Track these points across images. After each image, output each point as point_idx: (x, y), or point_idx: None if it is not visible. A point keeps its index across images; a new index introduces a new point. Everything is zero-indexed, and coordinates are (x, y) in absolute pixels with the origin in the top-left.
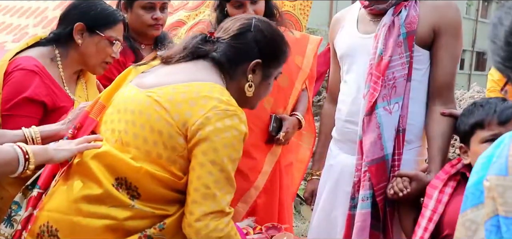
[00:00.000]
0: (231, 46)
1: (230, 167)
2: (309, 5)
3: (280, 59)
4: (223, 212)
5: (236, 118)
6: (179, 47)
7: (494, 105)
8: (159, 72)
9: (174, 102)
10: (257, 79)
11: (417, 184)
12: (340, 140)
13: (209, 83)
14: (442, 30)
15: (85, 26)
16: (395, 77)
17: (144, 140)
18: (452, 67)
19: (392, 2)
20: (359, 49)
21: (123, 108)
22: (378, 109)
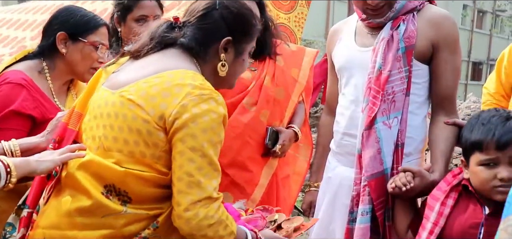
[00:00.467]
0: (199, 28)
1: (211, 151)
2: (304, 17)
3: (250, 33)
4: (211, 198)
5: (213, 101)
6: (146, 39)
7: (495, 127)
8: (129, 69)
9: (148, 96)
10: (230, 57)
11: (420, 181)
12: (338, 153)
13: (180, 70)
14: (441, 45)
15: (67, 35)
16: (394, 92)
17: (125, 141)
18: (453, 80)
19: (390, 16)
20: (357, 62)
21: (99, 113)
22: (377, 123)
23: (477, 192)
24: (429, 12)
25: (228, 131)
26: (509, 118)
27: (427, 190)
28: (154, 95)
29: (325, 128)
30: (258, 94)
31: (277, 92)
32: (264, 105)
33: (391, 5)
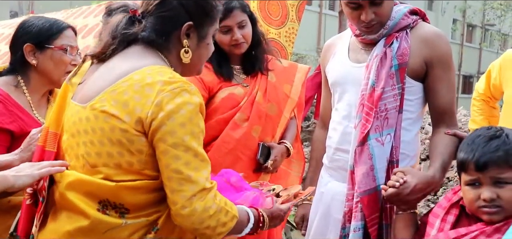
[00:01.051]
0: (158, 17)
1: (194, 143)
2: (294, 32)
3: (212, 15)
4: (205, 189)
5: (186, 93)
6: (108, 38)
7: (476, 147)
8: (95, 77)
9: (120, 104)
10: (194, 43)
11: (412, 177)
12: (331, 168)
13: (145, 68)
14: (435, 63)
15: (33, 46)
16: (387, 109)
17: (109, 155)
18: (450, 95)
19: (383, 33)
20: (350, 78)
21: (76, 130)
22: (370, 140)
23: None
24: (422, 30)
25: (220, 147)
26: (493, 138)
27: (425, 190)
28: (126, 101)
29: (318, 143)
30: (250, 109)
31: (269, 108)
32: (256, 120)
33: (383, 23)
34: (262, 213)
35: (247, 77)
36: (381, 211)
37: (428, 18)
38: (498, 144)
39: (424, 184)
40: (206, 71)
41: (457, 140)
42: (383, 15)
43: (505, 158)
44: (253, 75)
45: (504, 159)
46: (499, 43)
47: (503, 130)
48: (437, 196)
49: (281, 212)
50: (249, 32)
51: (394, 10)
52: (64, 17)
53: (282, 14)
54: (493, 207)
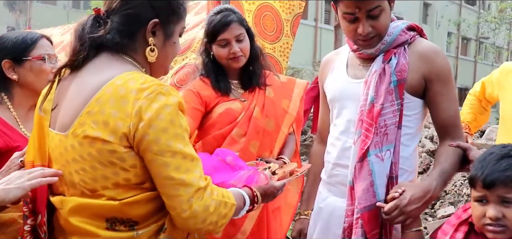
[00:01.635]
0: (122, 15)
1: (180, 145)
2: (289, 47)
3: (178, 12)
4: (200, 188)
5: (161, 96)
6: (76, 43)
7: (486, 165)
8: (68, 99)
9: (100, 124)
10: (160, 41)
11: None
12: (329, 183)
13: (115, 78)
14: (434, 78)
15: (11, 61)
16: (387, 125)
17: (104, 177)
18: (453, 108)
19: (381, 48)
20: (349, 94)
21: (65, 161)
22: (370, 156)
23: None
24: (420, 46)
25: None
26: (505, 157)
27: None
28: (105, 120)
29: (317, 157)
30: (247, 125)
31: (267, 123)
32: (254, 136)
33: (381, 36)
34: (256, 192)
35: (244, 92)
36: (382, 227)
37: (425, 34)
38: (508, 163)
39: (421, 192)
40: (204, 86)
41: (461, 151)
42: (380, 28)
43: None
44: (251, 90)
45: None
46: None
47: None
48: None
49: (275, 189)
50: (247, 46)
51: (392, 26)
52: (61, 32)
53: (277, 29)
54: (498, 226)
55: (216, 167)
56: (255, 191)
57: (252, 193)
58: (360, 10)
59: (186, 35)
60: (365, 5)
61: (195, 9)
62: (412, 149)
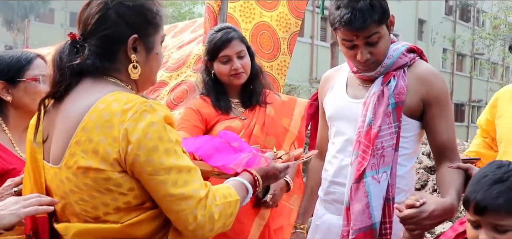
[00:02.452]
0: (99, 37)
1: (173, 160)
2: (286, 65)
3: (155, 22)
4: (201, 198)
5: (146, 114)
6: (55, 73)
7: (479, 189)
8: (56, 130)
9: (90, 153)
10: (142, 56)
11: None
12: (326, 201)
13: (98, 103)
14: (432, 101)
15: (5, 82)
16: (384, 147)
17: (104, 204)
18: (449, 132)
19: (381, 71)
20: (347, 114)
21: (63, 192)
22: (366, 177)
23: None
24: (420, 68)
25: (218, 182)
26: (498, 181)
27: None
28: (94, 148)
29: (314, 172)
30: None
31: (267, 141)
32: None
33: (380, 61)
34: (256, 175)
35: (245, 110)
36: None
37: (425, 55)
38: (501, 190)
39: (442, 211)
40: (204, 104)
41: (463, 172)
42: (379, 54)
43: (506, 206)
44: (251, 108)
45: (505, 207)
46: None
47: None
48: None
49: (277, 170)
50: (248, 63)
51: (392, 48)
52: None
53: (274, 47)
54: None
55: (218, 149)
56: (255, 174)
57: (253, 177)
58: (358, 37)
59: (181, 50)
60: (363, 33)
61: (192, 27)
62: (408, 169)
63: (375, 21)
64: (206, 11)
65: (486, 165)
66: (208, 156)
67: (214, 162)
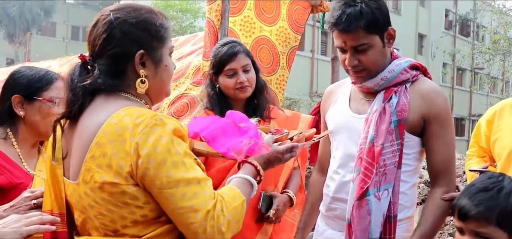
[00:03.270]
0: (108, 57)
1: (181, 172)
2: (285, 80)
3: (160, 35)
4: (209, 210)
5: (156, 128)
6: (69, 94)
7: (464, 196)
8: (73, 147)
9: (104, 168)
10: (151, 70)
11: None
12: (327, 216)
13: (110, 118)
14: (432, 119)
15: (22, 97)
16: (386, 165)
17: (122, 218)
18: (447, 153)
19: (381, 84)
20: (350, 128)
21: (82, 207)
22: (369, 196)
23: None
24: (423, 85)
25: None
26: (484, 190)
27: None
28: (108, 163)
29: (315, 187)
30: None
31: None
32: None
33: (371, 71)
34: (258, 165)
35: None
36: None
37: (429, 73)
38: (483, 198)
39: None
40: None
41: (447, 205)
42: (367, 63)
43: (486, 213)
44: None
45: (485, 215)
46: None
47: (502, 182)
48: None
49: (279, 153)
50: (254, 77)
51: (395, 64)
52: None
53: (273, 61)
54: None
55: (224, 130)
56: (256, 165)
57: (255, 168)
58: (346, 42)
59: (180, 62)
60: (349, 38)
61: (193, 41)
62: (410, 185)
63: (361, 27)
64: (207, 25)
65: (479, 176)
66: (213, 138)
67: (217, 147)
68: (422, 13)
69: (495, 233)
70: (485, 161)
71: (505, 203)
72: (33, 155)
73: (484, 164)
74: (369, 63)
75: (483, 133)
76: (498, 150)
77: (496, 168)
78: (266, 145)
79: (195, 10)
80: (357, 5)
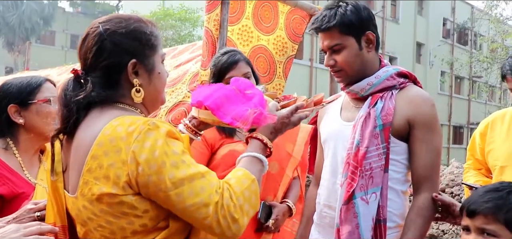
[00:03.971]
0: (100, 69)
1: (183, 171)
2: (281, 89)
3: (151, 43)
4: (217, 201)
5: (151, 133)
6: (63, 109)
7: (474, 195)
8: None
9: (101, 179)
10: (145, 78)
11: None
12: (319, 224)
13: (104, 129)
14: (417, 124)
15: (17, 105)
16: (372, 168)
17: (121, 229)
18: (430, 160)
19: (367, 89)
20: (339, 136)
21: (82, 220)
22: (356, 199)
23: None
24: (410, 91)
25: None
26: (493, 190)
27: None
28: (105, 174)
29: (311, 200)
30: None
31: (271, 165)
32: None
33: (347, 71)
34: (264, 138)
35: (249, 133)
36: None
37: (419, 82)
38: (492, 197)
39: None
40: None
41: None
42: (343, 64)
43: (493, 210)
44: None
45: (492, 212)
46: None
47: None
48: None
49: (284, 118)
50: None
51: (382, 70)
52: (58, 73)
53: (270, 70)
54: None
55: (228, 98)
56: (262, 139)
57: (261, 142)
58: (323, 42)
59: (178, 69)
60: (326, 41)
61: (191, 49)
62: (398, 193)
63: (335, 27)
64: (205, 34)
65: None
66: (218, 106)
67: (222, 116)
68: (420, 22)
69: (502, 231)
70: (481, 173)
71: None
72: (34, 164)
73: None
74: (344, 64)
75: (477, 145)
76: (492, 161)
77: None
78: (271, 115)
79: (193, 19)
80: (335, 7)
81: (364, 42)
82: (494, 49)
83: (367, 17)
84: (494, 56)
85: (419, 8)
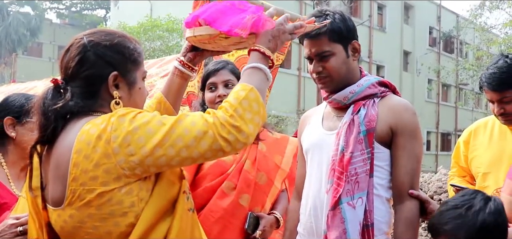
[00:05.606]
0: (81, 79)
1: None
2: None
3: (133, 58)
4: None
5: (122, 118)
6: (41, 118)
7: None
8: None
9: (90, 182)
10: (125, 91)
11: None
12: (304, 235)
13: (78, 136)
14: (399, 131)
15: (14, 119)
16: (357, 173)
17: (108, 233)
18: (411, 167)
19: (349, 97)
20: (322, 145)
21: (67, 233)
22: (342, 204)
23: None
24: (391, 100)
25: (207, 216)
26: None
27: None
28: (92, 176)
29: (293, 213)
30: (237, 177)
31: (259, 177)
32: (244, 189)
33: (333, 78)
34: (262, 48)
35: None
36: None
37: (398, 92)
38: (451, 216)
39: None
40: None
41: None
42: (329, 69)
43: (454, 231)
44: None
45: (453, 233)
46: (473, 101)
47: (473, 200)
48: None
49: (280, 25)
50: None
51: (364, 79)
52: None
53: None
54: None
55: (223, 12)
56: (259, 48)
57: (259, 52)
58: (311, 52)
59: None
60: (314, 48)
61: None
62: (383, 200)
63: (325, 34)
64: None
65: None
66: (213, 20)
67: (219, 26)
68: (407, 30)
69: None
70: (466, 180)
71: (473, 221)
72: (21, 178)
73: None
74: (332, 70)
75: (462, 153)
76: (474, 169)
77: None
78: (270, 19)
79: (181, 30)
80: (323, 16)
81: (350, 50)
82: (479, 57)
83: (353, 26)
84: (479, 64)
85: (406, 17)
